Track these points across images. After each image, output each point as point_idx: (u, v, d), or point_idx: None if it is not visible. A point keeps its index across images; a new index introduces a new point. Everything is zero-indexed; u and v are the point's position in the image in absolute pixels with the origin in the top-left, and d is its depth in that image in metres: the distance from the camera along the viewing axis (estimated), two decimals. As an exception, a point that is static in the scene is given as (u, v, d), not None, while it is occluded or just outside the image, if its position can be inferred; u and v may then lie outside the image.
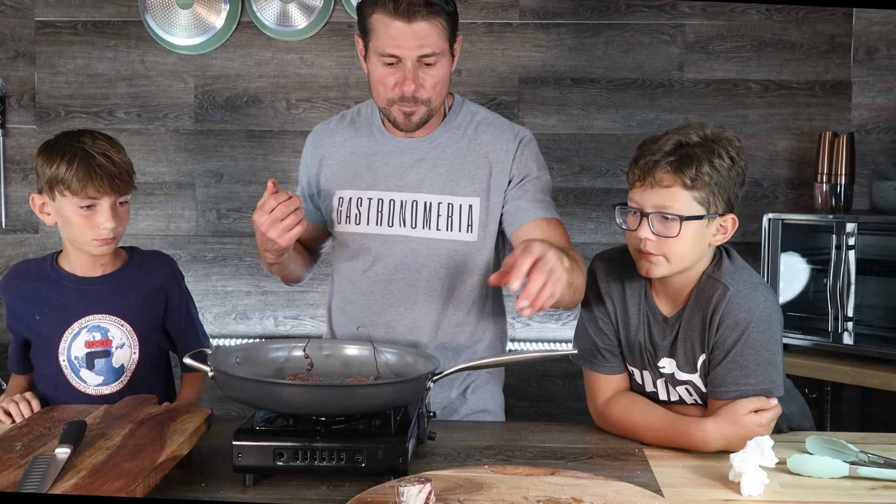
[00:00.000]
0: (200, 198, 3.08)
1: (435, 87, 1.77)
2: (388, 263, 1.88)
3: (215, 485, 1.44)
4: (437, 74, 1.76)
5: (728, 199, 1.59)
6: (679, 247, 1.57)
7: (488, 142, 1.87)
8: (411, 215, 1.85)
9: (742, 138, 2.93)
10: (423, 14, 1.69)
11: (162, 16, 2.99)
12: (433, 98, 1.78)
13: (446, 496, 1.31)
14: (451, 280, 1.87)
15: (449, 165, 1.86)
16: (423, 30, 1.70)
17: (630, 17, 2.99)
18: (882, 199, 2.58)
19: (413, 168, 1.87)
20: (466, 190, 1.85)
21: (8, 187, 3.07)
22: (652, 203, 1.57)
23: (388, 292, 1.89)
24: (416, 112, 1.79)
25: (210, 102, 3.05)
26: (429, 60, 1.73)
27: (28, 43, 3.05)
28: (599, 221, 3.04)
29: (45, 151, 1.81)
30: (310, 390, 1.44)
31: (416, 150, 1.88)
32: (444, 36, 1.74)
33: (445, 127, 1.89)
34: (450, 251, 1.86)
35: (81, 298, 1.85)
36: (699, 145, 1.57)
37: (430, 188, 1.86)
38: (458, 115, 1.91)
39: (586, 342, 1.74)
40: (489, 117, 1.92)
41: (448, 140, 1.88)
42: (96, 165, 1.76)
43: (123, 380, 1.87)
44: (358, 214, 1.88)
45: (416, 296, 1.88)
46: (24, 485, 1.24)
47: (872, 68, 2.95)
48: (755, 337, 1.57)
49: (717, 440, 1.57)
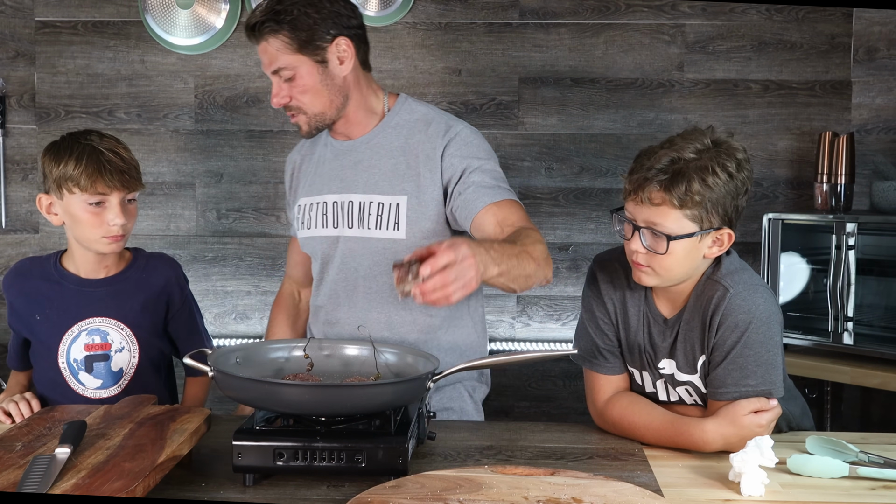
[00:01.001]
0: (200, 198, 3.08)
1: (304, 95, 1.84)
2: (334, 264, 1.94)
3: (215, 485, 1.44)
4: (300, 84, 1.83)
5: (724, 213, 1.56)
6: (668, 262, 1.57)
7: (420, 141, 1.89)
8: (347, 216, 1.91)
9: (742, 138, 2.95)
10: (263, 34, 1.80)
11: (162, 16, 2.99)
12: (304, 105, 1.85)
13: (446, 496, 1.31)
14: (387, 278, 1.88)
15: (382, 165, 1.90)
16: (268, 48, 1.82)
17: (630, 17, 2.99)
18: (882, 199, 2.58)
19: (351, 169, 1.93)
20: (396, 189, 1.88)
21: (8, 187, 3.07)
22: (643, 217, 1.57)
23: (334, 293, 1.95)
24: (298, 120, 1.88)
25: (210, 102, 3.05)
26: (283, 74, 1.83)
27: (28, 43, 3.05)
28: (599, 221, 3.04)
29: (52, 151, 1.81)
30: (310, 390, 1.44)
31: (354, 152, 1.94)
32: (292, 48, 1.80)
33: (382, 127, 1.93)
34: (380, 249, 1.89)
35: (82, 300, 1.85)
36: (692, 162, 1.53)
37: (364, 188, 1.90)
38: (397, 115, 1.94)
39: (586, 342, 1.74)
40: (428, 114, 1.93)
41: (383, 140, 1.92)
42: (105, 161, 1.77)
43: (122, 384, 1.87)
44: (310, 219, 1.97)
45: (357, 294, 1.92)
46: (24, 485, 1.24)
47: (872, 68, 2.95)
48: (755, 338, 1.57)
49: (716, 440, 1.57)
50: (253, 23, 1.82)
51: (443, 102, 3.01)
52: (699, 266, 1.61)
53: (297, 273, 2.18)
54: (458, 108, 3.02)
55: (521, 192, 3.02)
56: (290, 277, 2.21)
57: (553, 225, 3.05)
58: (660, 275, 1.59)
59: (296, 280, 2.19)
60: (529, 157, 3.03)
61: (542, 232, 2.90)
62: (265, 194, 3.07)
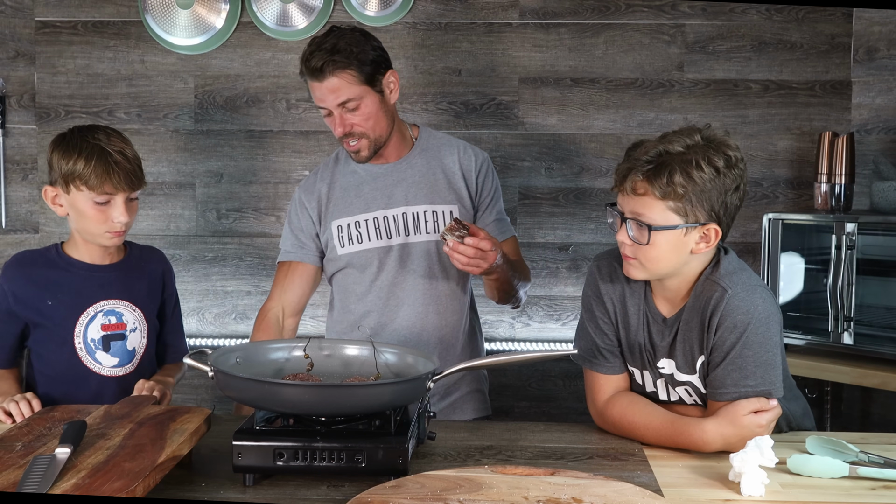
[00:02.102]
0: (200, 198, 3.08)
1: (367, 122, 2.06)
2: (389, 270, 2.14)
3: (215, 485, 1.44)
4: (364, 112, 2.05)
5: (711, 208, 1.56)
6: (652, 254, 1.58)
7: (455, 161, 2.18)
8: (403, 225, 2.14)
9: (742, 138, 2.96)
10: (330, 71, 2.00)
11: (162, 16, 2.99)
12: (368, 131, 2.07)
13: (446, 496, 1.31)
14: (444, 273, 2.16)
15: (426, 181, 2.16)
16: (334, 84, 2.02)
17: (630, 17, 2.99)
18: (882, 199, 2.58)
19: (394, 188, 2.15)
20: (445, 199, 2.15)
21: (8, 187, 3.07)
22: (629, 209, 1.59)
23: (392, 295, 2.14)
24: (359, 147, 2.09)
25: (210, 102, 3.05)
26: (349, 105, 2.03)
27: (28, 43, 3.05)
28: (599, 221, 3.04)
29: (60, 146, 1.88)
30: (310, 390, 1.44)
31: (394, 174, 2.16)
32: (358, 81, 2.02)
33: (416, 150, 2.19)
34: (437, 250, 2.14)
35: (94, 284, 1.93)
36: (679, 155, 1.54)
37: (414, 201, 2.14)
38: (426, 140, 2.21)
39: (587, 342, 1.74)
40: (451, 140, 2.23)
41: (420, 161, 2.18)
42: (113, 163, 1.84)
43: (134, 362, 1.96)
44: (358, 234, 2.15)
45: (417, 293, 2.13)
46: (24, 485, 1.24)
47: (872, 68, 2.95)
48: (754, 338, 1.57)
49: (716, 440, 1.57)
50: (320, 63, 2.00)
51: (443, 102, 3.01)
52: (688, 262, 1.61)
53: (291, 297, 2.19)
54: (458, 108, 3.02)
55: (521, 192, 3.03)
56: (279, 301, 2.20)
57: (553, 225, 3.05)
58: (647, 267, 1.60)
59: (287, 304, 2.20)
60: (529, 157, 3.03)
61: (541, 232, 2.94)
62: (265, 194, 3.07)
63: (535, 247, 3.05)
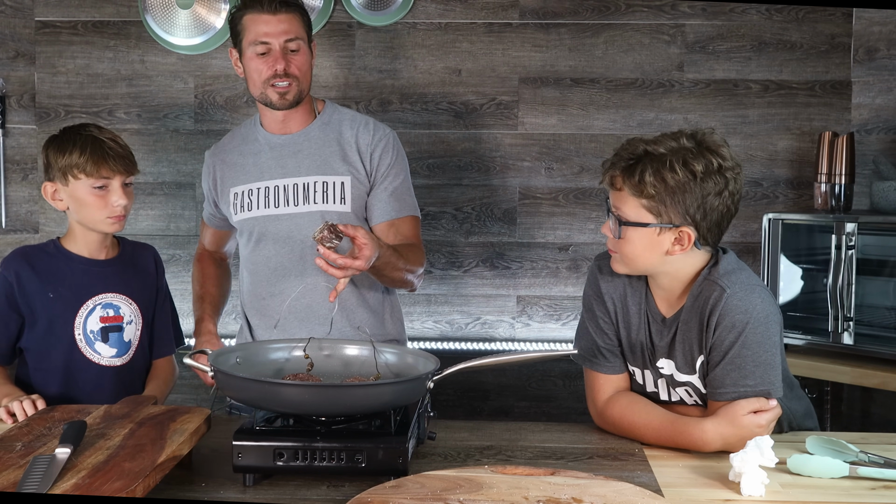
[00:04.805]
0: (200, 198, 3.08)
1: (302, 68, 2.11)
2: (279, 239, 2.16)
3: (215, 485, 1.44)
4: (301, 59, 2.11)
5: (686, 211, 1.56)
6: (627, 249, 1.61)
7: (353, 135, 2.18)
8: (292, 195, 2.15)
9: (742, 138, 2.96)
10: (285, 9, 2.08)
11: (162, 16, 2.99)
12: (301, 77, 2.11)
13: (446, 496, 1.31)
14: None
15: (322, 153, 2.17)
16: (286, 20, 2.08)
17: (630, 17, 2.99)
18: (882, 199, 2.58)
19: (291, 158, 2.18)
20: (338, 170, 2.15)
21: (8, 187, 3.07)
22: (613, 202, 1.63)
23: (279, 265, 2.17)
24: (290, 90, 2.11)
25: (210, 102, 3.05)
26: (292, 46, 2.09)
27: (28, 43, 3.05)
28: (599, 221, 3.04)
29: (55, 143, 1.99)
30: (310, 390, 1.45)
31: (293, 144, 2.19)
32: (303, 29, 2.12)
33: (317, 124, 2.21)
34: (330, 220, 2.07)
35: (93, 278, 2.01)
36: (658, 156, 1.55)
37: (307, 171, 2.15)
38: (329, 115, 2.23)
39: (587, 342, 1.74)
40: (356, 116, 2.24)
41: (320, 134, 2.19)
42: (107, 149, 1.96)
43: (130, 353, 2.04)
44: (250, 203, 2.18)
45: (305, 263, 2.13)
46: (24, 485, 1.24)
47: (872, 68, 2.95)
48: (752, 338, 1.57)
49: (716, 440, 1.57)
50: None
51: (443, 102, 3.01)
52: (670, 262, 1.61)
53: (213, 248, 2.44)
54: (458, 108, 3.02)
55: (521, 192, 3.03)
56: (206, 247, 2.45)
57: (553, 225, 3.05)
58: (624, 262, 1.63)
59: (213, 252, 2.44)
60: (529, 157, 3.03)
61: (541, 232, 2.92)
62: (265, 194, 3.07)
63: (535, 247, 3.05)
